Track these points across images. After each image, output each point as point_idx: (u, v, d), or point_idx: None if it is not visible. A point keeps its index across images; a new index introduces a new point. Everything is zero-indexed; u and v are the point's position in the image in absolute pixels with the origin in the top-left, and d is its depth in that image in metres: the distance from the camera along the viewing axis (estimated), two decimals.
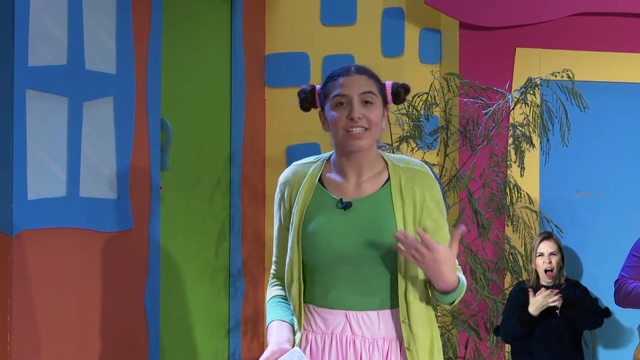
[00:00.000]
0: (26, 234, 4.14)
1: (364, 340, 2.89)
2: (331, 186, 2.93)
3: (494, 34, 5.44)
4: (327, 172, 2.95)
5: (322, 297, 2.92)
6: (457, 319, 5.09)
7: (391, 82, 3.01)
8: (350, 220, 2.88)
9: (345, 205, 2.88)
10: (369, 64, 5.57)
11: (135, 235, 4.73)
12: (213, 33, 5.49)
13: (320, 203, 2.91)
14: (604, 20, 5.40)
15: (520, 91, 4.96)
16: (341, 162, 2.92)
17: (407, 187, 2.90)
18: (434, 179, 2.95)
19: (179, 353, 5.18)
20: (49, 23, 4.25)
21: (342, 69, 2.95)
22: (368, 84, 2.93)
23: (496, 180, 5.15)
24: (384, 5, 5.59)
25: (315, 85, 2.99)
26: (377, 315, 2.90)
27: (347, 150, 2.88)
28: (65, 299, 4.34)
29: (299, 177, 2.96)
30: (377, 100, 2.92)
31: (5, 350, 4.07)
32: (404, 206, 2.88)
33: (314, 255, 2.90)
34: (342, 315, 2.90)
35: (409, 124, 4.97)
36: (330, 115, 2.88)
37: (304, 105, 2.99)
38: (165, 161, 5.00)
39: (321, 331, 2.92)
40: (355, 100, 2.87)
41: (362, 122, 2.85)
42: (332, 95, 2.88)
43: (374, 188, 2.91)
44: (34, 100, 4.18)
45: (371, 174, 2.93)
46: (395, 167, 2.93)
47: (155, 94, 4.85)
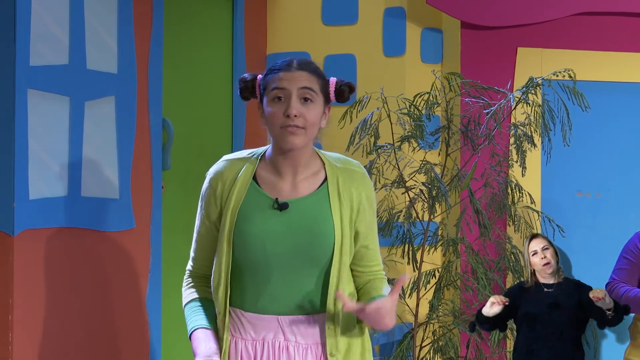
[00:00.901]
0: (28, 234, 4.14)
1: (298, 345, 2.82)
2: (266, 185, 2.83)
3: (495, 33, 5.44)
4: (261, 169, 2.85)
5: (251, 301, 2.83)
6: (458, 319, 5.09)
7: (335, 79, 2.86)
8: (286, 222, 2.78)
9: (281, 206, 2.79)
10: (371, 63, 5.62)
11: (137, 235, 4.73)
12: (214, 32, 5.49)
13: (255, 203, 2.81)
14: (605, 19, 5.40)
15: (521, 91, 4.96)
16: (277, 160, 2.81)
17: (344, 189, 2.82)
18: (369, 180, 2.88)
19: (181, 353, 5.17)
20: (50, 23, 4.25)
21: (284, 62, 2.81)
22: (309, 80, 2.78)
23: (497, 179, 5.15)
24: (386, 4, 5.59)
25: (258, 75, 2.87)
26: (309, 319, 2.83)
27: (282, 147, 2.77)
28: (67, 299, 4.35)
29: (231, 173, 2.84)
30: (317, 98, 2.78)
31: (7, 350, 4.07)
32: (341, 208, 2.80)
33: (246, 257, 2.80)
34: (274, 320, 2.82)
35: (410, 124, 4.97)
36: (267, 110, 2.77)
37: (244, 94, 2.86)
38: (167, 161, 5.00)
39: (251, 338, 2.84)
40: (294, 95, 2.75)
41: (298, 120, 2.73)
42: (271, 89, 2.77)
43: (310, 188, 2.82)
44: (36, 100, 4.18)
45: (308, 173, 2.83)
46: (332, 167, 2.84)
47: (156, 93, 4.85)
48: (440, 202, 4.96)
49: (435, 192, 4.91)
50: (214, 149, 5.42)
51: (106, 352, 4.55)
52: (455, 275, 5.12)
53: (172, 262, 5.04)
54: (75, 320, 4.38)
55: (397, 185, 5.02)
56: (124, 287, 4.67)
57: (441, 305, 5.15)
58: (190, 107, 5.27)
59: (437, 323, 5.22)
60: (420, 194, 5.01)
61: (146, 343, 4.79)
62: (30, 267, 4.16)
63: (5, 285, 4.08)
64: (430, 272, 5.16)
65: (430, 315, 5.13)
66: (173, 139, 5.01)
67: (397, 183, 5.01)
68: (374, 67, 5.58)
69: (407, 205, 5.07)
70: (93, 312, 4.48)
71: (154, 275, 4.83)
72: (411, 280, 5.15)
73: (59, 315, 4.30)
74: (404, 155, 5.05)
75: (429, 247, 5.15)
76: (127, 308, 4.68)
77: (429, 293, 5.17)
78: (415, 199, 5.04)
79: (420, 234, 5.08)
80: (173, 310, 5.08)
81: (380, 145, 4.97)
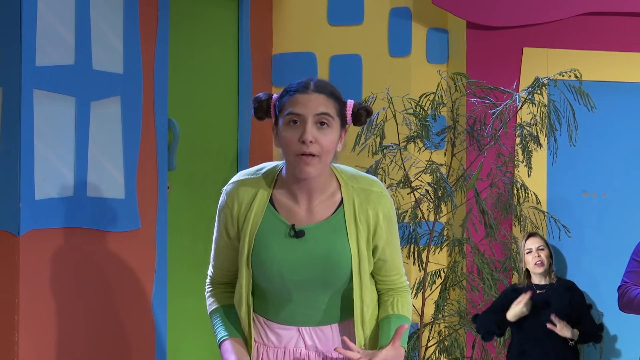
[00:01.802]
0: (33, 234, 4.15)
1: (319, 353, 2.85)
2: (282, 208, 2.79)
3: (501, 33, 5.43)
4: (277, 192, 2.80)
5: (274, 313, 2.86)
6: (464, 319, 5.09)
7: (353, 102, 2.80)
8: (303, 250, 2.76)
9: (297, 234, 2.76)
10: (376, 63, 5.62)
11: (143, 235, 4.73)
12: (220, 33, 5.49)
13: (271, 228, 2.77)
14: (611, 20, 5.39)
15: (527, 91, 4.95)
16: (292, 186, 2.77)
17: (361, 210, 2.78)
18: (387, 196, 2.83)
19: (187, 353, 5.18)
20: (56, 23, 4.25)
21: (301, 84, 2.75)
22: (325, 105, 2.71)
23: (503, 180, 5.15)
24: (391, 5, 5.59)
25: (273, 95, 2.81)
26: (330, 329, 2.86)
27: (297, 174, 2.71)
28: (72, 299, 4.35)
29: (248, 195, 2.80)
30: (334, 122, 2.72)
31: (13, 350, 4.08)
32: (357, 232, 2.78)
33: (264, 283, 2.82)
34: (294, 330, 2.85)
35: (416, 124, 4.97)
36: (282, 135, 2.70)
37: (258, 114, 2.81)
38: (173, 161, 5.00)
39: (274, 345, 2.87)
40: (309, 121, 2.68)
41: (313, 147, 2.67)
42: (286, 113, 2.70)
43: (326, 213, 2.78)
44: (42, 100, 4.18)
45: (324, 197, 2.78)
46: (348, 188, 2.79)
47: (162, 93, 4.86)
48: (446, 202, 4.96)
49: (441, 192, 4.91)
50: (219, 149, 5.42)
51: (112, 353, 4.55)
52: (460, 276, 5.11)
53: (178, 262, 5.05)
54: (80, 320, 4.39)
55: (402, 185, 5.02)
56: (130, 287, 4.67)
57: (447, 306, 5.15)
58: (196, 107, 5.27)
59: (443, 323, 5.21)
60: (426, 194, 5.01)
61: (152, 343, 4.80)
62: (36, 267, 4.17)
63: (11, 285, 4.08)
64: (435, 273, 5.15)
65: (435, 316, 5.13)
66: (179, 139, 5.01)
67: (403, 183, 5.01)
68: (380, 68, 5.58)
69: (413, 205, 5.06)
70: (99, 312, 4.48)
71: (159, 275, 4.84)
72: (417, 280, 5.15)
73: (65, 315, 4.30)
74: (409, 155, 5.05)
75: (434, 247, 5.15)
76: (133, 308, 4.69)
77: (434, 293, 5.16)
78: (421, 199, 5.03)
79: (426, 234, 5.08)
80: (179, 310, 5.08)
81: (386, 146, 4.96)
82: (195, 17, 5.29)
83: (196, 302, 5.18)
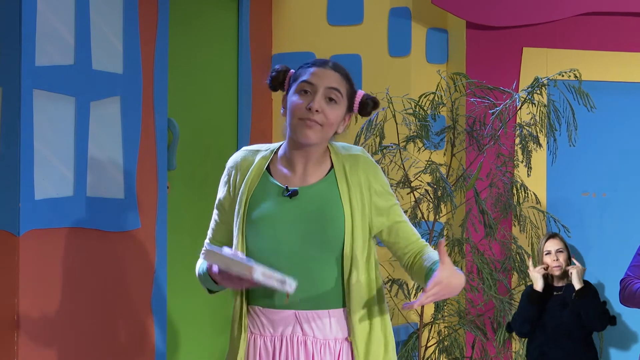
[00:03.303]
0: (33, 234, 4.15)
1: (316, 340, 2.83)
2: (278, 176, 2.86)
3: (501, 33, 5.43)
4: (274, 162, 2.89)
5: (268, 296, 2.84)
6: (464, 319, 5.09)
7: (363, 92, 2.91)
8: (296, 208, 2.81)
9: (291, 193, 2.82)
10: (376, 63, 5.61)
11: (142, 235, 4.73)
12: (220, 33, 5.49)
13: (266, 191, 2.84)
14: (611, 19, 5.39)
15: (527, 91, 4.95)
16: (290, 153, 2.85)
17: (352, 173, 2.85)
18: (375, 163, 2.90)
19: (186, 353, 5.18)
20: (56, 23, 4.25)
21: (320, 60, 2.88)
22: (338, 82, 2.83)
23: (503, 180, 5.15)
24: (391, 4, 5.59)
25: (290, 68, 2.90)
26: (327, 314, 2.83)
27: (297, 139, 2.80)
28: (72, 299, 4.35)
29: (246, 163, 2.89)
30: (342, 101, 2.83)
31: (12, 349, 4.08)
32: (349, 192, 2.83)
33: (258, 244, 2.82)
34: (291, 315, 2.83)
35: (415, 124, 4.97)
36: (291, 99, 2.81)
37: (274, 83, 2.90)
38: (172, 161, 5.00)
39: (270, 334, 2.86)
40: (320, 92, 2.79)
41: (318, 116, 2.77)
42: (300, 81, 2.81)
43: (318, 177, 2.85)
44: (41, 100, 4.18)
45: (317, 167, 2.86)
46: (338, 155, 2.87)
47: (162, 93, 4.86)
48: (446, 202, 4.96)
49: (441, 192, 4.91)
50: (219, 149, 5.42)
51: (111, 352, 4.55)
52: None
53: (178, 262, 5.05)
54: (80, 320, 4.39)
55: (402, 185, 5.02)
56: (129, 287, 4.67)
57: (446, 306, 5.15)
58: (195, 107, 5.27)
59: (443, 323, 5.21)
60: (426, 194, 5.01)
61: (151, 343, 4.80)
62: (35, 267, 4.17)
63: (10, 285, 4.08)
64: None
65: (435, 316, 5.13)
66: (178, 139, 5.01)
67: (403, 183, 5.01)
68: (379, 67, 5.58)
69: (413, 205, 5.06)
70: (98, 312, 4.48)
71: (159, 275, 4.84)
72: None
73: (64, 315, 4.30)
74: (409, 155, 5.05)
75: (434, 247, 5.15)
76: (133, 308, 4.69)
77: None
78: (421, 199, 5.03)
79: (426, 234, 5.08)
80: (178, 310, 5.08)
81: (386, 146, 4.96)
82: (195, 17, 5.29)
83: (196, 302, 5.19)
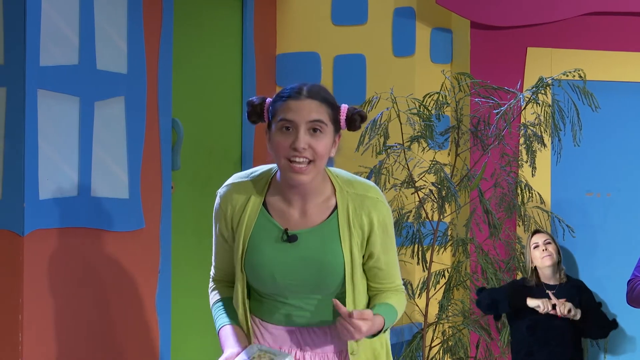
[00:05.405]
0: (37, 234, 4.15)
1: (314, 354, 2.84)
2: (275, 212, 2.78)
3: (505, 33, 5.43)
4: (270, 195, 2.78)
5: (269, 314, 2.85)
6: (468, 319, 5.09)
7: (347, 107, 2.76)
8: (295, 254, 2.75)
9: (290, 238, 2.74)
10: (380, 63, 5.61)
11: (146, 235, 4.74)
12: (224, 33, 5.49)
13: (265, 232, 2.77)
14: (615, 19, 5.38)
15: (531, 91, 4.95)
16: (285, 190, 2.75)
17: (355, 215, 2.75)
18: (384, 202, 2.80)
19: (191, 353, 5.18)
20: (60, 23, 4.26)
21: (293, 89, 2.72)
22: (318, 111, 2.68)
23: (507, 180, 5.14)
24: (395, 4, 5.59)
25: (266, 98, 2.79)
26: (326, 330, 2.84)
27: (288, 180, 2.69)
28: (77, 299, 4.35)
29: (241, 198, 2.79)
30: (327, 128, 2.69)
31: (17, 349, 4.08)
32: (351, 238, 2.75)
33: (258, 285, 2.82)
34: (291, 332, 2.85)
35: (420, 124, 4.96)
36: (274, 140, 2.69)
37: (251, 118, 2.80)
38: (176, 161, 5.00)
39: (269, 346, 2.86)
40: (302, 128, 2.66)
41: (306, 152, 2.65)
42: (279, 119, 2.68)
43: (320, 217, 2.76)
44: (46, 100, 4.18)
45: (318, 200, 2.77)
46: (343, 194, 2.77)
47: (166, 93, 4.86)
48: (450, 202, 4.95)
49: (445, 192, 4.90)
50: (223, 149, 5.42)
51: (116, 352, 4.56)
52: (464, 276, 5.11)
53: (182, 262, 5.05)
54: (84, 320, 4.39)
55: (406, 185, 5.02)
56: (134, 287, 4.67)
57: (451, 306, 5.14)
58: (199, 107, 5.28)
59: (447, 323, 5.21)
60: (430, 194, 5.01)
61: (156, 343, 4.80)
62: (40, 267, 4.17)
63: (15, 285, 4.09)
64: (439, 272, 5.15)
65: (439, 316, 5.12)
66: (183, 139, 5.01)
67: (407, 183, 5.01)
68: (384, 67, 5.58)
69: (417, 205, 5.06)
70: (102, 312, 4.49)
71: (163, 275, 4.84)
72: (421, 280, 5.15)
73: (69, 315, 4.31)
74: (413, 155, 5.04)
75: (438, 247, 5.15)
76: (137, 308, 4.69)
77: (438, 293, 5.16)
78: (425, 199, 5.03)
79: (430, 234, 5.08)
80: (182, 310, 5.08)
81: (390, 146, 4.96)
82: (199, 17, 5.29)
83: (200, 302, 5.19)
